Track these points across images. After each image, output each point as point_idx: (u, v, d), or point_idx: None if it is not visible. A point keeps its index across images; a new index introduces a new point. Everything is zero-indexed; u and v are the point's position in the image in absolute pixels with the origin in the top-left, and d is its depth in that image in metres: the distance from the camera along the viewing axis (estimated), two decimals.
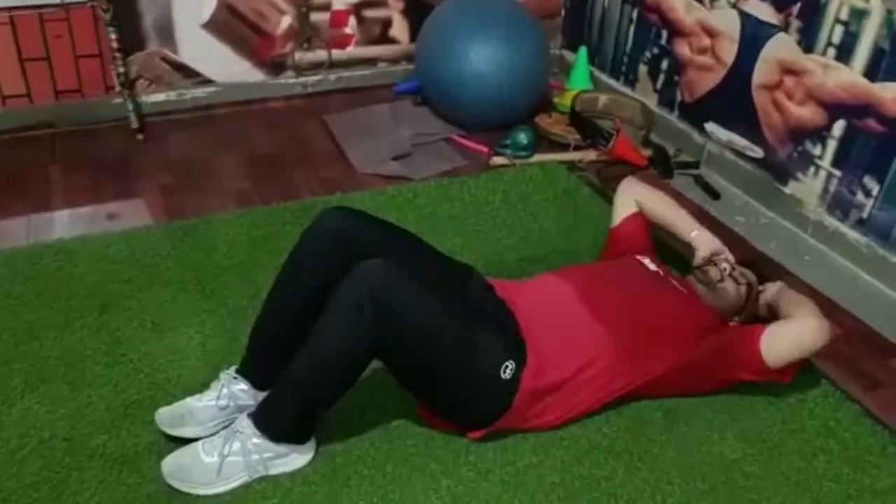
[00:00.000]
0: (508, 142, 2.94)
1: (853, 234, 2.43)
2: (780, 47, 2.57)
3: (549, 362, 1.69)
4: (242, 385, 1.72)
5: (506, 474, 1.68)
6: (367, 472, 1.66)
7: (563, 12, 3.65)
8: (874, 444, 1.81)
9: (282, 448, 1.63)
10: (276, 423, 1.61)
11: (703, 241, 2.04)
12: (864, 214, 2.39)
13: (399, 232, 1.83)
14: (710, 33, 2.85)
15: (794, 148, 2.60)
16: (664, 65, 3.11)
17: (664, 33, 3.07)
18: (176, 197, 2.62)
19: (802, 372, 2.00)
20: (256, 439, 1.60)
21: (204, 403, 1.71)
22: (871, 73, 2.29)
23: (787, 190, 2.65)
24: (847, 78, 2.37)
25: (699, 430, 1.82)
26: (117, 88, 2.95)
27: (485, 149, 2.98)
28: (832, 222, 2.49)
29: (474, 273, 1.89)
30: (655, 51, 3.14)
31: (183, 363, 1.93)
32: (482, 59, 2.94)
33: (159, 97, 3.10)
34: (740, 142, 2.81)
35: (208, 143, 2.96)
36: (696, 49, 2.93)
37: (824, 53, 2.43)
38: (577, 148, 3.00)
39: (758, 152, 2.75)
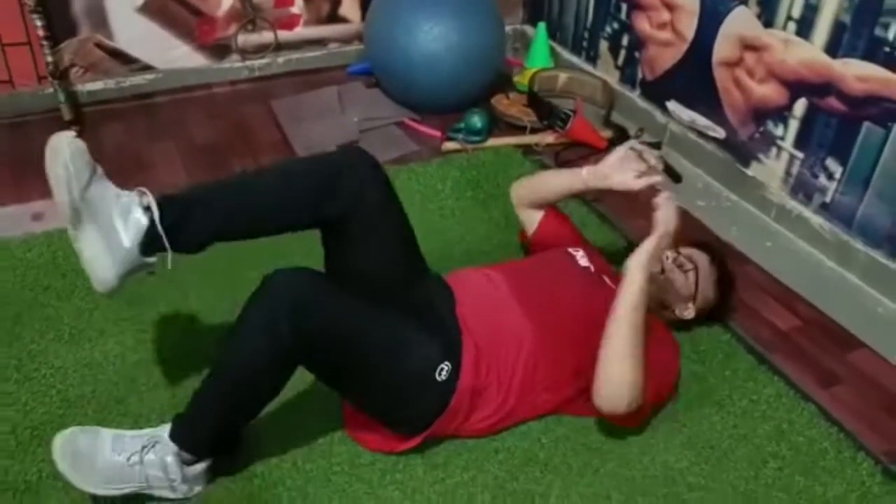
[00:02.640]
0: (461, 125, 2.81)
1: (816, 219, 2.31)
2: (741, 21, 2.44)
3: (484, 357, 1.61)
4: (146, 221, 1.49)
5: (434, 493, 1.58)
6: (287, 494, 1.56)
7: None
8: (829, 447, 1.71)
9: (195, 468, 1.52)
10: (196, 440, 1.50)
11: (602, 172, 1.80)
12: (828, 198, 2.28)
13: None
14: (670, 7, 2.70)
15: (756, 128, 2.47)
16: (624, 40, 2.97)
17: (623, 7, 2.92)
18: None
19: (757, 369, 1.90)
20: (175, 460, 1.49)
21: (114, 194, 1.51)
22: (832, 48, 2.16)
23: (750, 172, 2.52)
24: (808, 54, 2.23)
25: (644, 438, 1.72)
26: (49, 78, 2.79)
27: (437, 133, 2.85)
28: (795, 206, 2.37)
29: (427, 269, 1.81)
30: (616, 25, 3.00)
31: (99, 377, 1.81)
32: (431, 37, 2.80)
33: (96, 85, 2.95)
34: (702, 121, 2.68)
35: (146, 134, 2.82)
36: (656, 24, 2.78)
37: (784, 28, 2.29)
38: (533, 130, 2.87)
39: (720, 133, 2.62)
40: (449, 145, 2.78)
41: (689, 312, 1.87)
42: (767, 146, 2.44)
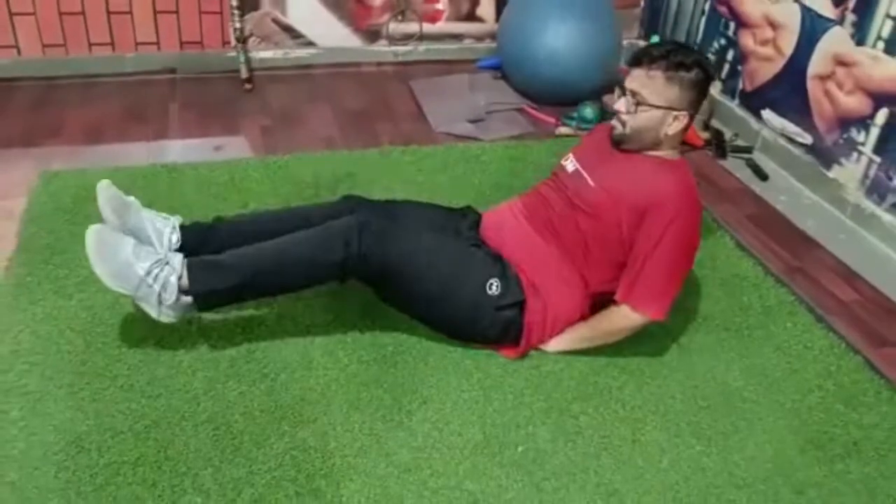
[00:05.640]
0: (575, 114, 3.20)
1: (888, 217, 2.59)
2: (835, 40, 2.75)
3: (531, 272, 1.96)
4: (176, 239, 1.91)
5: (530, 375, 1.95)
6: (412, 360, 1.96)
7: (642, 2, 3.87)
8: (869, 388, 2.00)
9: (185, 299, 1.78)
10: (206, 290, 1.78)
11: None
12: None
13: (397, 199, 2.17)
14: (774, 25, 3.03)
15: (840, 135, 2.77)
16: (730, 55, 3.30)
17: (732, 25, 3.26)
18: (273, 137, 2.98)
19: (815, 325, 2.20)
20: (176, 280, 1.75)
21: (148, 217, 1.91)
22: None
23: (831, 174, 2.81)
24: (893, 69, 2.53)
25: (708, 361, 2.05)
26: (233, 43, 3.33)
27: (552, 120, 3.24)
28: (869, 205, 2.65)
29: (470, 214, 2.14)
30: (723, 41, 3.33)
31: None
32: (557, 37, 3.20)
33: (267, 54, 3.49)
34: (792, 128, 2.98)
35: (305, 96, 3.32)
36: (760, 40, 3.11)
37: (874, 46, 2.59)
38: None
39: (807, 139, 2.92)
40: (562, 130, 3.17)
41: (676, 125, 1.88)
42: (849, 151, 2.73)
